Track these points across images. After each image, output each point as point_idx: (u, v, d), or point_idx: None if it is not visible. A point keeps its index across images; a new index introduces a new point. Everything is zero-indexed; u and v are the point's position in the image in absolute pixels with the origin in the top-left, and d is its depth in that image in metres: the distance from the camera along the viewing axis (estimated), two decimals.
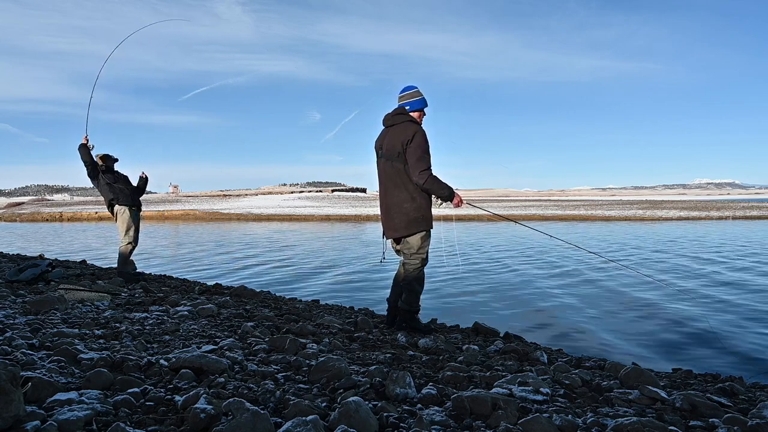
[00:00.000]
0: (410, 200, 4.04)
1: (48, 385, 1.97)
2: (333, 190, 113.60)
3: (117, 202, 6.71)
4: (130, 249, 6.77)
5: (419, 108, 4.16)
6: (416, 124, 4.08)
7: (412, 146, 3.96)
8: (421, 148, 3.97)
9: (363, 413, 1.90)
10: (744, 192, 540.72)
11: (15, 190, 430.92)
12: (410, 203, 4.04)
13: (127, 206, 6.73)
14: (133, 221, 6.75)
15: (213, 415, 1.78)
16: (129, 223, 6.71)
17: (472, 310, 6.80)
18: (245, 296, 5.89)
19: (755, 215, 33.10)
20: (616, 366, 3.41)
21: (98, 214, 44.24)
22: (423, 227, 4.08)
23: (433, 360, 3.26)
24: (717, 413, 2.33)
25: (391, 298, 4.46)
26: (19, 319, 3.54)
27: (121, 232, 6.74)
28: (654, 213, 35.51)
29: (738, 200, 77.30)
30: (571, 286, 8.67)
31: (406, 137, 3.96)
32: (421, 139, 3.98)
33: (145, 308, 4.45)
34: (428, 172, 3.98)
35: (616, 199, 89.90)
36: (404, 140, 3.97)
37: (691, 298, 7.41)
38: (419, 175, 3.95)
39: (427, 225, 4.09)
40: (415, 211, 4.04)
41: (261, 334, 3.58)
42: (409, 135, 3.96)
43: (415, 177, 3.97)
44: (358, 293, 8.14)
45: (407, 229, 4.07)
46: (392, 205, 4.12)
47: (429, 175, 3.97)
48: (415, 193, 4.04)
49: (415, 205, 4.04)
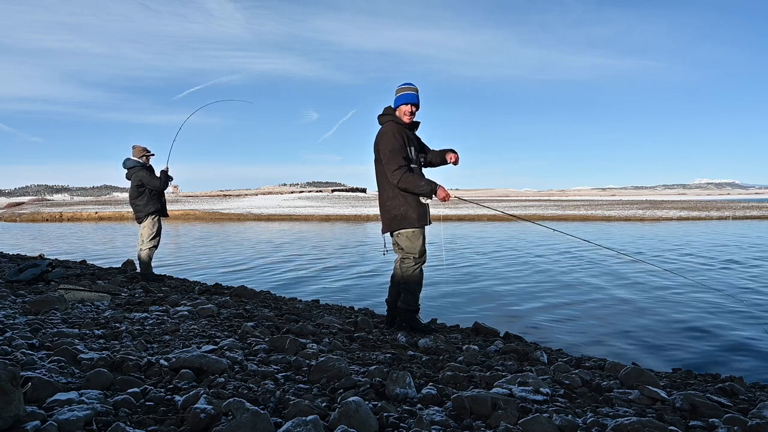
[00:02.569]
0: (391, 198, 4.11)
1: (48, 385, 1.97)
2: (333, 190, 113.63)
3: (160, 214, 6.96)
4: (153, 252, 6.98)
5: (403, 103, 4.11)
6: (389, 123, 4.09)
7: (381, 146, 4.03)
8: (390, 147, 3.97)
9: (363, 413, 1.90)
10: (744, 192, 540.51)
11: (15, 190, 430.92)
12: (391, 201, 4.12)
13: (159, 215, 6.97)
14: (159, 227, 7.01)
15: (213, 415, 1.78)
16: (159, 227, 6.96)
17: (472, 310, 6.80)
18: (245, 296, 5.89)
19: (755, 215, 33.09)
20: (616, 366, 3.41)
21: (98, 214, 44.24)
22: (405, 225, 4.08)
23: (433, 360, 3.26)
24: (717, 413, 2.33)
25: (390, 299, 4.47)
26: (19, 319, 3.54)
27: (147, 237, 6.88)
28: (654, 213, 35.50)
29: (738, 200, 77.29)
30: (571, 286, 8.66)
31: (379, 136, 4.09)
32: (390, 137, 3.98)
33: (145, 308, 4.45)
34: (400, 171, 3.93)
35: (616, 199, 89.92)
36: (377, 141, 4.09)
37: (692, 298, 7.41)
38: (392, 175, 3.98)
39: (408, 223, 4.07)
40: (395, 209, 4.09)
41: (261, 334, 3.58)
42: (381, 134, 4.07)
43: (390, 177, 4.01)
44: (358, 293, 8.13)
45: (389, 227, 4.17)
46: (380, 204, 4.27)
47: (401, 175, 3.93)
48: (394, 192, 4.10)
49: (396, 203, 4.09)
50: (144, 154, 6.93)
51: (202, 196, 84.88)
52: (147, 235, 6.87)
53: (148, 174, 6.78)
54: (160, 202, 6.92)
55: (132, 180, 6.87)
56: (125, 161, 6.95)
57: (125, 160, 6.96)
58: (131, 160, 6.92)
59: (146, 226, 6.89)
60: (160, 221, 7.05)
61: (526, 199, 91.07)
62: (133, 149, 6.97)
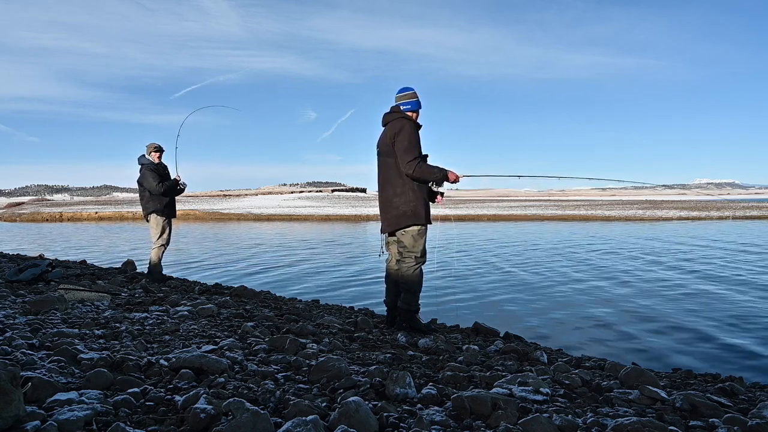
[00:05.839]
0: (399, 194, 4.12)
1: (48, 385, 1.96)
2: (333, 190, 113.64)
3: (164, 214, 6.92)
4: (163, 250, 6.97)
5: (414, 109, 4.28)
6: (406, 119, 4.17)
7: (399, 138, 4.05)
8: (408, 139, 4.04)
9: (363, 413, 1.90)
10: (744, 192, 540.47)
11: (15, 190, 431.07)
12: (399, 197, 4.12)
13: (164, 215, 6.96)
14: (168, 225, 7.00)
15: (213, 415, 1.78)
16: (164, 227, 6.93)
17: (472, 310, 6.80)
18: (245, 296, 5.89)
19: (755, 215, 33.08)
20: (616, 366, 3.41)
21: (98, 214, 44.24)
22: (412, 221, 4.10)
23: (433, 360, 3.26)
24: (717, 413, 2.33)
25: (388, 299, 4.48)
26: (19, 319, 3.53)
27: (155, 237, 6.90)
28: (654, 213, 35.50)
29: (738, 200, 77.30)
30: (571, 285, 8.66)
31: (394, 131, 4.09)
32: (409, 130, 4.07)
33: (145, 308, 4.45)
34: (416, 161, 4.02)
35: (616, 199, 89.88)
36: (393, 134, 4.09)
37: (693, 298, 7.41)
38: (407, 165, 4.02)
39: (416, 219, 4.11)
40: (404, 205, 4.10)
41: (261, 334, 3.58)
42: (397, 128, 4.08)
43: (404, 167, 4.04)
44: (358, 293, 8.14)
45: (397, 223, 4.16)
46: (385, 200, 4.25)
47: (417, 164, 4.02)
48: (404, 188, 4.11)
49: (404, 199, 4.10)
50: (152, 151, 6.92)
51: (201, 196, 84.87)
52: (154, 235, 6.90)
53: (150, 174, 6.76)
54: (160, 202, 6.89)
55: (138, 178, 6.90)
56: (138, 159, 6.97)
57: (138, 158, 6.97)
58: (142, 158, 6.92)
59: (151, 226, 6.90)
60: (169, 222, 7.01)
61: (527, 199, 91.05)
62: (146, 148, 6.98)
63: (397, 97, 4.31)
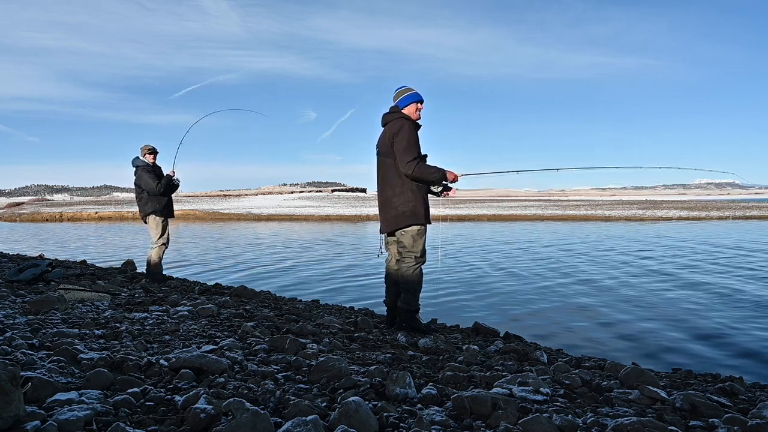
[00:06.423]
0: (398, 194, 4.12)
1: (48, 385, 1.96)
2: (333, 190, 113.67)
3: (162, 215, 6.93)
4: (164, 250, 7.00)
5: (410, 102, 4.23)
6: (405, 119, 4.16)
7: (398, 138, 4.05)
8: (407, 139, 4.03)
9: (363, 413, 1.90)
10: (744, 192, 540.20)
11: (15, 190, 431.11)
12: (398, 197, 4.12)
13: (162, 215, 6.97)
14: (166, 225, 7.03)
15: (213, 415, 1.78)
16: (164, 227, 6.95)
17: (472, 310, 6.80)
18: (245, 296, 5.89)
19: (755, 215, 33.09)
20: (616, 366, 3.41)
21: (98, 214, 44.24)
22: (411, 221, 4.10)
23: (433, 360, 3.26)
24: (717, 413, 2.33)
25: (388, 299, 4.48)
26: (19, 319, 3.53)
27: (154, 237, 6.91)
28: (654, 213, 35.51)
29: (738, 200, 77.28)
30: (571, 285, 8.66)
31: (393, 131, 4.08)
32: (408, 131, 4.06)
33: (145, 308, 4.45)
34: (415, 161, 4.02)
35: (616, 199, 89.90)
36: (392, 134, 4.08)
37: (694, 298, 7.41)
38: (406, 165, 4.02)
39: (416, 219, 4.11)
40: (403, 204, 4.10)
41: (261, 334, 3.58)
42: (396, 128, 4.07)
43: (403, 168, 4.04)
44: (357, 293, 8.13)
45: (396, 223, 4.15)
46: (384, 200, 4.25)
47: (416, 164, 4.02)
48: (403, 188, 4.11)
49: (403, 199, 4.10)
50: (146, 153, 6.93)
51: (201, 196, 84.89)
52: (154, 236, 6.92)
53: (147, 175, 6.79)
54: (159, 203, 6.91)
55: (135, 180, 6.92)
56: (132, 161, 6.97)
57: (132, 160, 6.98)
58: (137, 160, 6.94)
59: (150, 227, 6.92)
60: (167, 222, 7.04)
61: (527, 199, 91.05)
62: (140, 150, 6.99)
63: (395, 95, 4.30)
